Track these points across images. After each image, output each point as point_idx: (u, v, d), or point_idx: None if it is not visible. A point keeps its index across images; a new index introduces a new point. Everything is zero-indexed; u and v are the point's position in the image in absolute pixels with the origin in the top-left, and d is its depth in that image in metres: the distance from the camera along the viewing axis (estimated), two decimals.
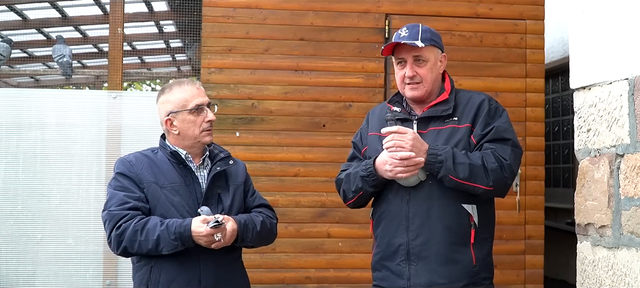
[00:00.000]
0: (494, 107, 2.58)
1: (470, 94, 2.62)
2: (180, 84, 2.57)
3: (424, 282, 2.46)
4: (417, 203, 2.48)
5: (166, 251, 2.36)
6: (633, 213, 1.99)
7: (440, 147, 2.44)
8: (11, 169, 4.28)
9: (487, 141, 2.49)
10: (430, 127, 2.54)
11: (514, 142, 2.52)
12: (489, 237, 2.56)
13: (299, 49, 4.32)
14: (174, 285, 2.43)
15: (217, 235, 2.36)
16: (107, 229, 2.42)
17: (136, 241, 2.36)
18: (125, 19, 4.74)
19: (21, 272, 4.25)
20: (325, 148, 4.29)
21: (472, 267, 2.46)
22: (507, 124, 2.55)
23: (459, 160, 2.40)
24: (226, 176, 2.60)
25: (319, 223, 4.28)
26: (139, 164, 2.50)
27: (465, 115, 2.53)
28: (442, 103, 2.56)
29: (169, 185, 2.47)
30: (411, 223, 2.48)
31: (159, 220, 2.39)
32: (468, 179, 2.40)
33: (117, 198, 2.43)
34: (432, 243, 2.46)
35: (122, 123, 4.38)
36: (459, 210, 2.47)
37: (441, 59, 2.61)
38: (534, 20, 4.48)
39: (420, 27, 2.56)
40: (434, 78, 2.56)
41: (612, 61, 2.14)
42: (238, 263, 2.63)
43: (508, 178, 2.46)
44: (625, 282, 2.01)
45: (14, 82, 7.27)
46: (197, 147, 2.56)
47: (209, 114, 2.54)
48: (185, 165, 2.53)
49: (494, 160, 2.43)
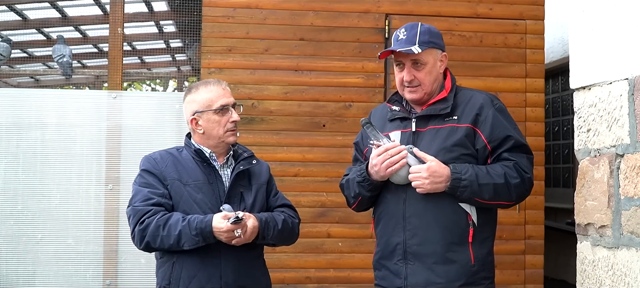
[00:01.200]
0: (500, 107, 2.55)
1: (471, 93, 2.58)
2: (207, 84, 2.62)
3: (420, 281, 2.44)
4: (413, 202, 2.46)
5: (187, 246, 2.40)
6: (633, 213, 1.99)
7: (463, 169, 2.40)
8: (11, 169, 4.28)
9: (506, 150, 2.47)
10: (429, 126, 2.51)
11: (528, 147, 2.53)
12: (489, 237, 2.53)
13: (299, 49, 4.32)
14: (195, 280, 2.47)
15: (238, 231, 2.39)
16: (131, 224, 2.48)
17: (158, 236, 2.41)
18: (125, 19, 4.74)
19: (21, 272, 4.25)
20: (325, 148, 4.29)
21: (470, 266, 2.43)
22: (516, 126, 2.54)
23: (482, 180, 2.39)
24: (249, 175, 2.65)
25: (319, 223, 4.28)
26: (163, 162, 2.56)
27: (466, 114, 2.49)
28: (441, 101, 2.52)
29: (193, 182, 2.53)
30: (408, 223, 2.47)
31: (181, 216, 2.43)
32: (493, 199, 2.42)
33: (141, 195, 2.49)
34: (428, 242, 2.44)
35: (122, 123, 4.38)
36: (456, 210, 2.44)
37: (441, 59, 2.57)
38: (534, 20, 4.48)
39: (419, 29, 2.52)
40: (433, 80, 2.53)
41: (612, 61, 2.14)
42: (259, 260, 2.67)
43: (528, 191, 2.49)
44: (625, 282, 2.01)
45: (14, 82, 7.27)
46: (222, 147, 2.61)
47: (233, 114, 2.59)
48: (209, 163, 2.58)
49: (516, 175, 2.43)
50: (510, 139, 2.46)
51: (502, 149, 2.46)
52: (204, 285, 2.47)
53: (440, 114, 2.50)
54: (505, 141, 2.46)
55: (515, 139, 2.47)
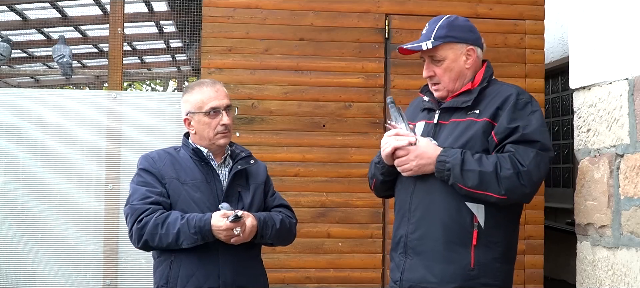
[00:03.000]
0: (523, 101, 2.35)
1: (501, 87, 2.42)
2: (201, 85, 2.63)
3: (416, 277, 2.37)
4: (419, 196, 2.39)
5: (186, 245, 2.40)
6: (633, 213, 1.99)
7: (451, 153, 2.28)
8: (11, 169, 4.28)
9: (510, 142, 2.29)
10: (452, 119, 2.40)
11: (543, 144, 2.28)
12: (500, 241, 2.35)
13: (299, 49, 4.32)
14: (193, 279, 2.47)
15: (236, 230, 2.40)
16: (129, 223, 2.48)
17: (157, 234, 2.41)
18: (125, 19, 4.74)
19: (21, 272, 4.25)
20: (325, 149, 4.29)
21: (468, 270, 2.31)
22: (537, 123, 2.31)
23: (468, 166, 2.24)
24: (247, 175, 2.66)
25: (319, 223, 4.28)
26: (161, 160, 2.57)
27: (488, 108, 2.35)
28: (464, 94, 2.40)
29: (190, 181, 2.53)
30: (412, 216, 2.40)
31: (180, 214, 2.44)
32: (478, 187, 2.25)
33: (139, 193, 2.49)
34: (428, 238, 2.35)
35: (122, 123, 4.38)
36: (460, 208, 2.32)
37: (468, 53, 2.43)
38: (534, 20, 4.48)
39: (440, 22, 2.44)
40: (454, 76, 2.42)
41: (612, 61, 2.14)
42: (257, 260, 2.68)
43: (525, 187, 2.25)
44: (625, 282, 2.01)
45: (14, 82, 7.28)
46: (215, 148, 2.62)
47: (224, 117, 2.58)
48: (206, 162, 2.59)
49: (510, 166, 2.23)
50: (517, 130, 2.28)
51: (507, 141, 2.29)
52: (202, 284, 2.48)
53: (462, 107, 2.39)
54: (512, 133, 2.29)
55: (523, 132, 2.28)
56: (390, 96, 2.49)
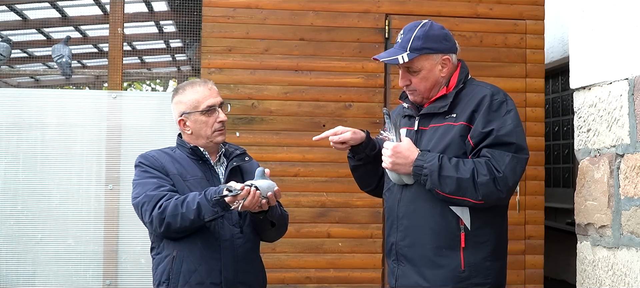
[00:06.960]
0: (498, 101, 2.35)
1: (475, 89, 2.42)
2: (193, 85, 2.65)
3: (409, 283, 2.41)
4: (405, 203, 2.43)
5: (208, 217, 2.40)
6: (633, 213, 1.99)
7: (429, 157, 2.30)
8: (11, 169, 4.28)
9: (486, 146, 2.29)
10: (431, 124, 2.44)
11: (518, 146, 2.29)
12: (487, 241, 2.38)
13: (299, 49, 4.32)
14: (195, 275, 2.49)
15: (242, 200, 2.36)
16: (147, 210, 2.46)
17: (178, 215, 2.41)
18: (125, 19, 4.74)
19: (21, 272, 4.25)
20: (325, 149, 4.28)
21: (459, 272, 2.33)
22: (512, 124, 2.32)
23: (446, 172, 2.26)
24: (242, 172, 2.69)
25: (319, 223, 4.28)
26: (161, 159, 2.60)
27: (464, 112, 2.36)
28: (440, 99, 2.42)
29: (192, 178, 2.56)
30: (400, 224, 2.44)
31: (196, 192, 2.45)
32: (455, 193, 2.27)
33: (151, 183, 2.50)
34: (417, 245, 2.39)
35: (122, 123, 4.38)
36: (446, 213, 2.34)
37: (443, 62, 2.43)
38: (534, 20, 4.48)
39: (415, 33, 2.42)
40: (429, 86, 2.43)
41: (612, 61, 2.14)
42: (256, 254, 2.69)
43: (501, 192, 2.27)
44: (625, 282, 2.01)
45: (14, 82, 7.28)
46: (211, 146, 2.65)
47: (220, 114, 2.62)
48: (204, 160, 2.63)
49: (486, 173, 2.24)
50: (492, 133, 2.28)
51: (482, 145, 2.30)
52: (204, 280, 2.49)
53: (440, 112, 2.41)
54: (487, 136, 2.29)
55: (497, 134, 2.28)
56: (386, 108, 2.53)
